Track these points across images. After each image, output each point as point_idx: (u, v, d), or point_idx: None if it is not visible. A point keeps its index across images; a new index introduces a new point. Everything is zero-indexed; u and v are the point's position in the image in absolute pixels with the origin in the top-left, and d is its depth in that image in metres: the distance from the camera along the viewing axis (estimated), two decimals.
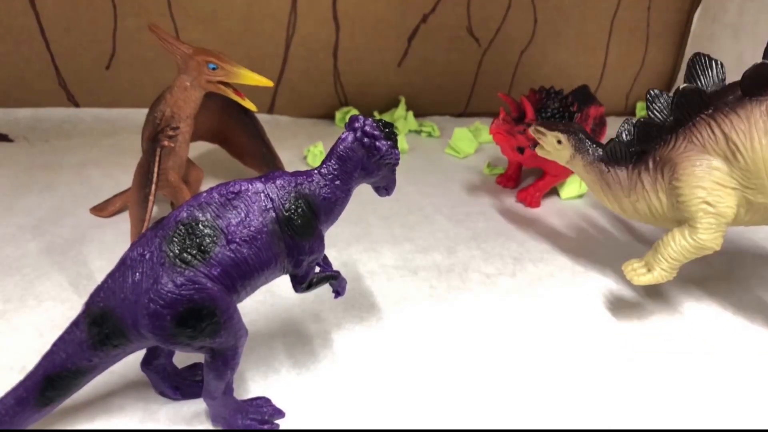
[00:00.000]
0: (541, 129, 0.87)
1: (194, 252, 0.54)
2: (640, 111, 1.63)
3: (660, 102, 0.78)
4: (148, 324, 0.54)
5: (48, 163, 1.17)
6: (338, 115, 1.48)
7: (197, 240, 0.55)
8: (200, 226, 0.55)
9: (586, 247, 0.99)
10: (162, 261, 0.54)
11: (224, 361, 0.57)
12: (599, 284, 0.89)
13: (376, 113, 1.47)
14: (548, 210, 1.11)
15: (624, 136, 0.81)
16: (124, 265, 0.56)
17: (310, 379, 0.69)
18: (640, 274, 0.76)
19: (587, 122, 1.13)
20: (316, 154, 1.25)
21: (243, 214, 0.57)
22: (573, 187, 1.15)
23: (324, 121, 1.50)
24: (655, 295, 0.87)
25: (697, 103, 0.74)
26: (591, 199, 1.16)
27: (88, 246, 0.92)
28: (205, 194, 0.57)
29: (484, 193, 1.16)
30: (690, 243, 0.74)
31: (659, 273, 0.75)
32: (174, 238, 0.55)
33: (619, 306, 0.84)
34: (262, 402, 0.64)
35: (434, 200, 1.12)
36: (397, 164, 0.65)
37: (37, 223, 0.97)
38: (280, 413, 0.64)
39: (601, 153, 0.83)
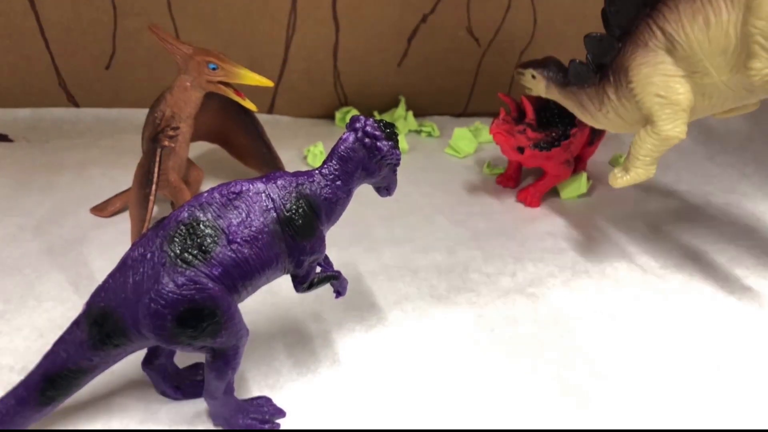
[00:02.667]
0: (519, 69, 1.01)
1: (195, 252, 0.54)
2: None
3: (608, 17, 0.84)
4: (149, 324, 0.54)
5: (48, 163, 1.17)
6: (338, 115, 1.48)
7: (198, 240, 0.55)
8: (201, 226, 0.55)
9: (586, 246, 0.99)
10: (163, 261, 0.54)
11: (225, 360, 0.57)
12: (599, 284, 0.89)
13: (376, 113, 1.47)
14: (548, 210, 1.11)
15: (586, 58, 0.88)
16: (125, 265, 0.56)
17: (311, 378, 0.69)
18: (618, 177, 0.84)
19: None
20: (316, 154, 1.25)
21: (244, 215, 0.57)
22: (573, 187, 1.15)
23: (324, 121, 1.50)
24: (653, 292, 0.87)
25: (635, 6, 0.79)
26: (591, 199, 1.16)
27: (88, 246, 0.92)
28: (206, 194, 0.57)
29: (484, 193, 1.16)
30: (655, 137, 0.79)
31: (635, 173, 0.82)
32: (175, 238, 0.55)
33: (619, 305, 0.84)
34: (263, 401, 0.64)
35: (434, 200, 1.12)
36: (398, 164, 0.65)
37: (37, 223, 0.97)
38: (281, 413, 0.64)
39: (569, 80, 0.92)
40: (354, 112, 1.48)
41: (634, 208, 1.12)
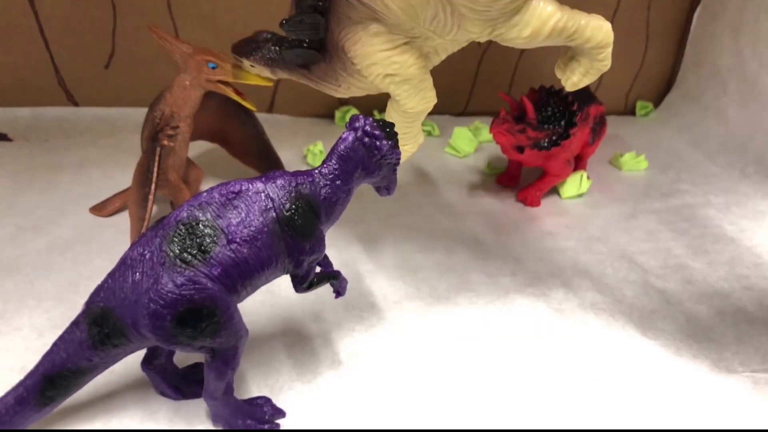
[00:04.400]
0: (235, 57, 0.85)
1: (194, 252, 0.54)
2: (641, 110, 1.63)
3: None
4: (148, 324, 0.54)
5: (47, 162, 1.17)
6: (338, 114, 1.48)
7: (197, 240, 0.55)
8: (200, 225, 0.55)
9: (586, 246, 0.99)
10: (162, 261, 0.54)
11: (224, 361, 0.57)
12: (600, 283, 0.89)
13: (376, 112, 1.47)
14: (548, 209, 1.11)
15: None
16: (124, 264, 0.56)
17: (311, 378, 0.69)
18: None
19: (588, 121, 1.13)
20: (315, 153, 1.25)
21: (243, 214, 0.57)
22: (573, 187, 1.15)
23: (324, 120, 1.49)
24: (653, 292, 0.87)
25: None
26: (591, 198, 1.16)
27: (88, 246, 0.92)
28: (205, 194, 0.57)
29: (484, 192, 1.16)
30: (403, 115, 0.74)
31: (403, 149, 0.75)
32: (174, 238, 0.55)
33: (619, 305, 0.84)
34: (263, 402, 0.64)
35: (434, 200, 1.12)
36: (398, 164, 0.65)
37: (37, 223, 0.97)
38: (280, 413, 0.64)
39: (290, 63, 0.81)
40: (354, 110, 1.48)
41: (634, 208, 1.12)
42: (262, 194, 0.58)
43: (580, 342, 0.77)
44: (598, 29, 0.67)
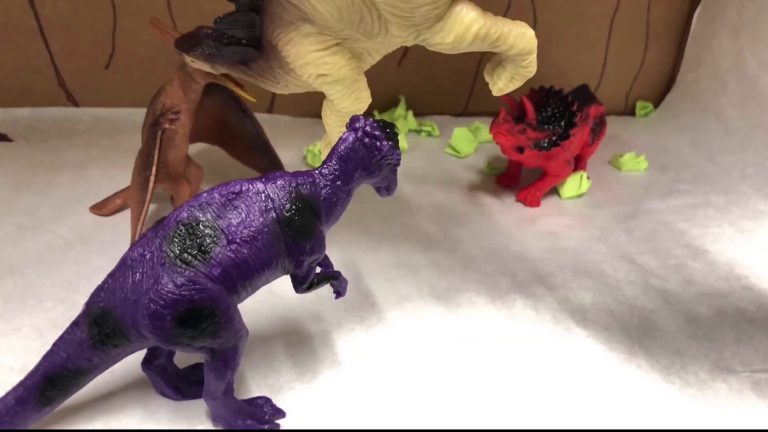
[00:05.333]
0: (179, 52, 0.84)
1: (195, 252, 0.54)
2: (641, 110, 1.63)
3: None
4: (148, 324, 0.54)
5: (48, 162, 1.17)
6: None
7: (198, 240, 0.55)
8: (201, 226, 0.55)
9: (586, 246, 0.99)
10: (162, 261, 0.54)
11: (224, 361, 0.57)
12: (600, 283, 0.89)
13: (375, 113, 1.47)
14: (548, 209, 1.11)
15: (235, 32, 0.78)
16: (124, 265, 0.56)
17: (311, 378, 0.69)
18: (324, 151, 0.76)
19: (587, 121, 1.13)
20: (315, 153, 1.25)
21: (243, 215, 0.57)
22: (573, 187, 1.15)
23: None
24: (654, 292, 0.87)
25: None
26: (591, 198, 1.16)
27: (88, 246, 0.92)
28: (205, 194, 0.57)
29: (484, 192, 1.16)
30: (337, 115, 0.73)
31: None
32: (174, 239, 0.55)
33: (619, 305, 0.84)
34: (263, 402, 0.64)
35: (434, 200, 1.12)
36: (398, 164, 0.65)
37: (37, 223, 0.97)
38: (280, 413, 0.64)
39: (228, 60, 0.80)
40: None
41: (634, 208, 1.12)
42: (263, 195, 0.58)
43: (579, 342, 0.77)
44: (521, 36, 0.68)
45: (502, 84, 0.75)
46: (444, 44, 0.68)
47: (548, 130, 1.03)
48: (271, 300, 0.80)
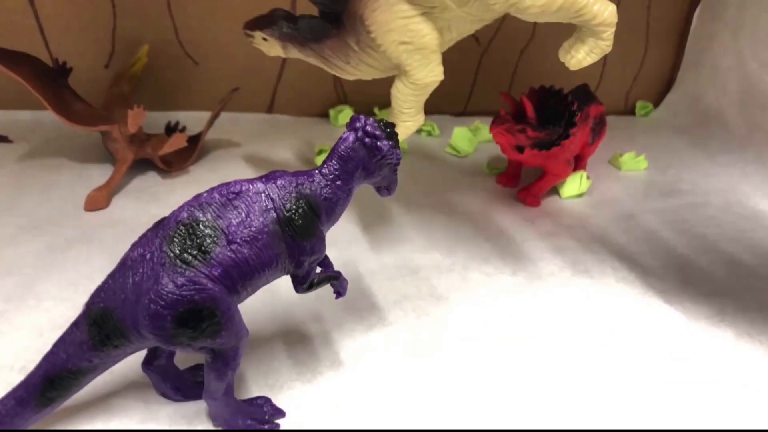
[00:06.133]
0: (246, 32, 0.87)
1: (195, 252, 0.54)
2: (641, 110, 1.63)
3: None
4: (149, 324, 0.54)
5: (48, 162, 1.17)
6: (332, 113, 1.48)
7: (198, 240, 0.55)
8: (201, 226, 0.55)
9: (586, 246, 0.99)
10: (162, 261, 0.54)
11: (225, 361, 0.57)
12: (600, 283, 0.89)
13: (376, 111, 1.47)
14: (548, 209, 1.11)
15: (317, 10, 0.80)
16: (124, 265, 0.56)
17: (311, 378, 0.69)
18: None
19: (587, 121, 1.13)
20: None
21: (244, 215, 0.57)
22: (573, 186, 1.15)
23: (324, 120, 1.50)
24: (654, 292, 0.87)
25: None
26: (591, 198, 1.16)
27: (88, 246, 0.92)
28: (205, 194, 0.57)
29: (484, 192, 1.16)
30: (411, 87, 0.75)
31: (404, 126, 0.77)
32: (174, 239, 0.55)
33: (619, 304, 0.85)
34: (263, 401, 0.64)
35: (434, 200, 1.12)
36: (398, 164, 0.65)
37: (37, 223, 0.97)
38: (280, 413, 0.64)
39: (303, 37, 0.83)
40: (348, 110, 1.48)
41: (634, 208, 1.12)
42: (263, 194, 0.58)
43: (579, 342, 0.77)
44: (605, 7, 0.72)
45: (581, 56, 0.78)
46: (534, 7, 0.71)
47: (548, 130, 1.03)
48: (271, 300, 0.80)
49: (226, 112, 1.39)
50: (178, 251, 0.54)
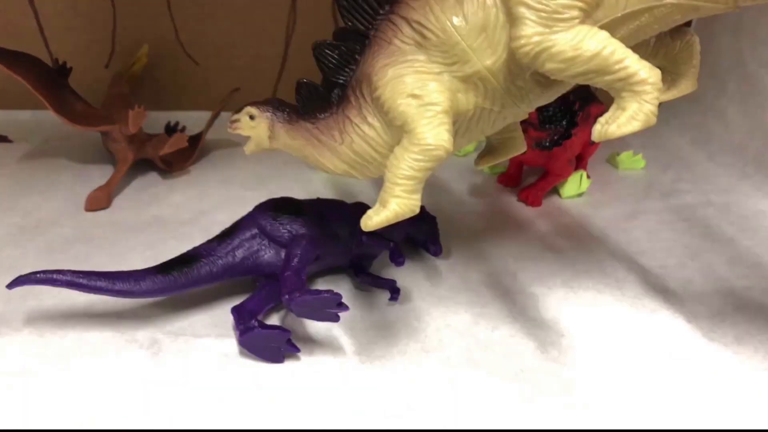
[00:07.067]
0: (233, 119, 0.77)
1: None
2: None
3: (342, 16, 0.68)
4: None
5: (48, 162, 1.17)
6: None
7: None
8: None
9: (586, 246, 0.99)
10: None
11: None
12: (600, 283, 0.89)
13: None
14: (548, 209, 1.11)
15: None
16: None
17: (311, 378, 0.69)
18: (372, 216, 0.64)
19: (588, 121, 1.13)
20: None
21: None
22: (573, 186, 1.15)
23: None
24: (654, 292, 0.87)
25: (371, 6, 0.66)
26: (591, 198, 1.16)
27: (88, 245, 0.92)
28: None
29: (485, 192, 1.16)
30: (414, 151, 0.62)
31: (396, 203, 0.63)
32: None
33: (619, 304, 0.84)
34: (330, 295, 0.68)
35: (434, 199, 1.12)
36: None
37: (37, 223, 0.97)
38: (345, 307, 0.68)
39: (299, 110, 0.74)
40: None
41: (634, 207, 1.12)
42: None
43: (579, 342, 0.77)
44: (647, 66, 0.59)
45: (622, 121, 0.60)
46: (567, 52, 0.58)
47: (550, 130, 1.03)
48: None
49: (226, 111, 1.39)
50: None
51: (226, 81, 1.39)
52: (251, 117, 0.75)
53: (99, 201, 1.03)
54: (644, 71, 0.58)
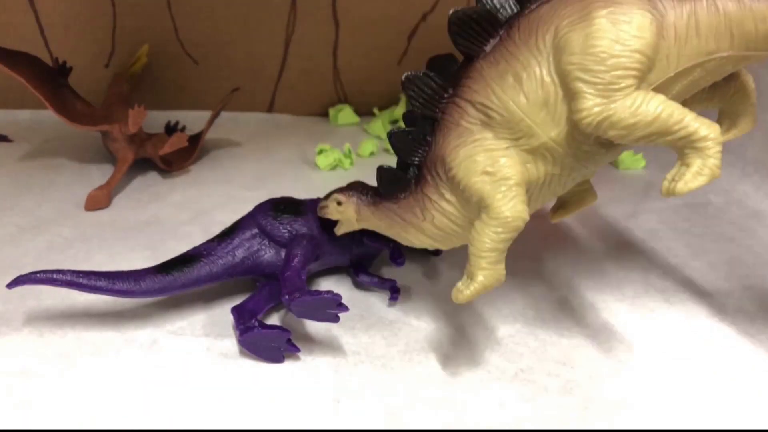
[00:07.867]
0: (321, 205, 0.82)
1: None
2: None
3: (412, 105, 0.72)
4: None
5: (48, 162, 1.17)
6: (332, 112, 1.48)
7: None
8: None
9: (586, 245, 0.99)
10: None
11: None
12: (600, 283, 0.89)
13: (376, 110, 1.47)
14: (548, 209, 1.11)
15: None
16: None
17: (311, 378, 0.69)
18: (462, 290, 0.67)
19: None
20: (335, 155, 1.24)
21: None
22: None
23: (324, 120, 1.50)
24: (654, 291, 0.87)
25: (435, 91, 0.69)
26: None
27: (87, 244, 0.92)
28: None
29: None
30: (493, 224, 0.66)
31: (483, 277, 0.66)
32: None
33: (619, 304, 0.84)
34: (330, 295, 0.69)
35: None
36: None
37: (37, 223, 0.97)
38: (344, 308, 0.69)
39: (381, 192, 0.78)
40: (348, 109, 1.48)
41: (634, 208, 1.12)
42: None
43: (579, 342, 0.77)
44: (706, 123, 0.62)
45: (688, 177, 0.63)
46: (628, 119, 0.61)
47: None
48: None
49: (226, 111, 1.39)
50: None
51: (226, 81, 1.39)
52: (338, 203, 0.79)
53: (99, 200, 1.03)
54: (704, 128, 0.60)
